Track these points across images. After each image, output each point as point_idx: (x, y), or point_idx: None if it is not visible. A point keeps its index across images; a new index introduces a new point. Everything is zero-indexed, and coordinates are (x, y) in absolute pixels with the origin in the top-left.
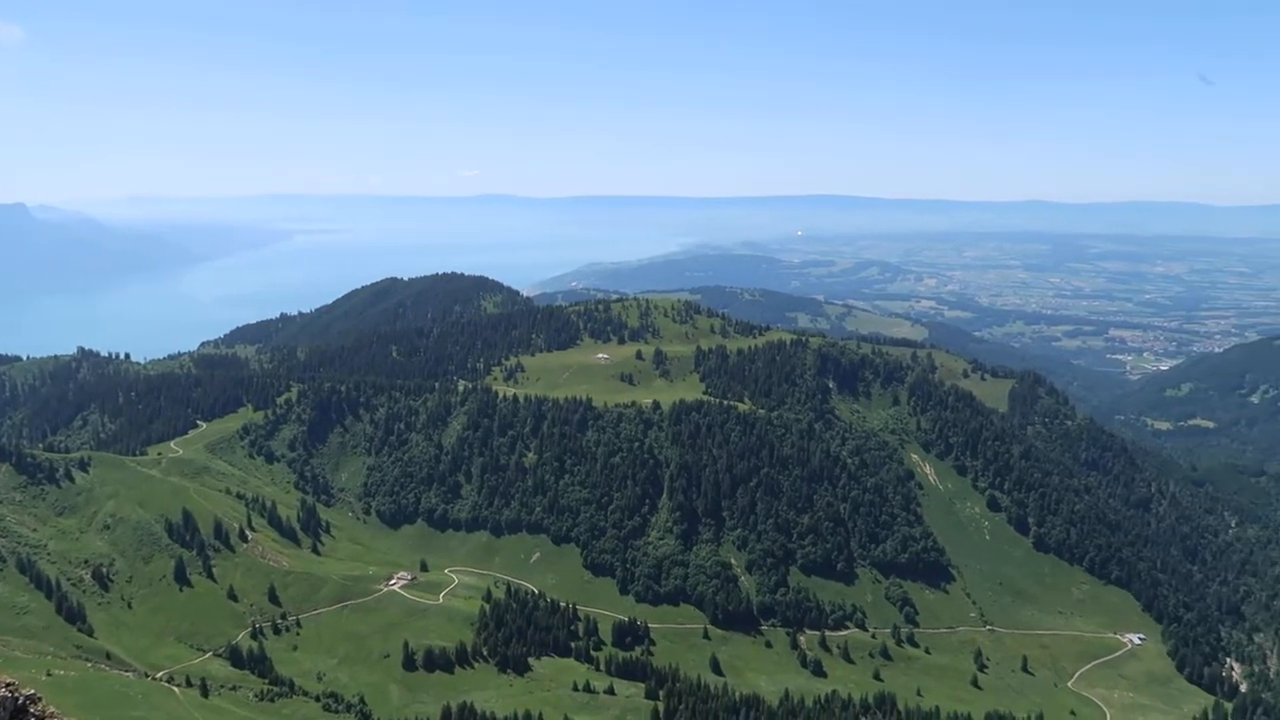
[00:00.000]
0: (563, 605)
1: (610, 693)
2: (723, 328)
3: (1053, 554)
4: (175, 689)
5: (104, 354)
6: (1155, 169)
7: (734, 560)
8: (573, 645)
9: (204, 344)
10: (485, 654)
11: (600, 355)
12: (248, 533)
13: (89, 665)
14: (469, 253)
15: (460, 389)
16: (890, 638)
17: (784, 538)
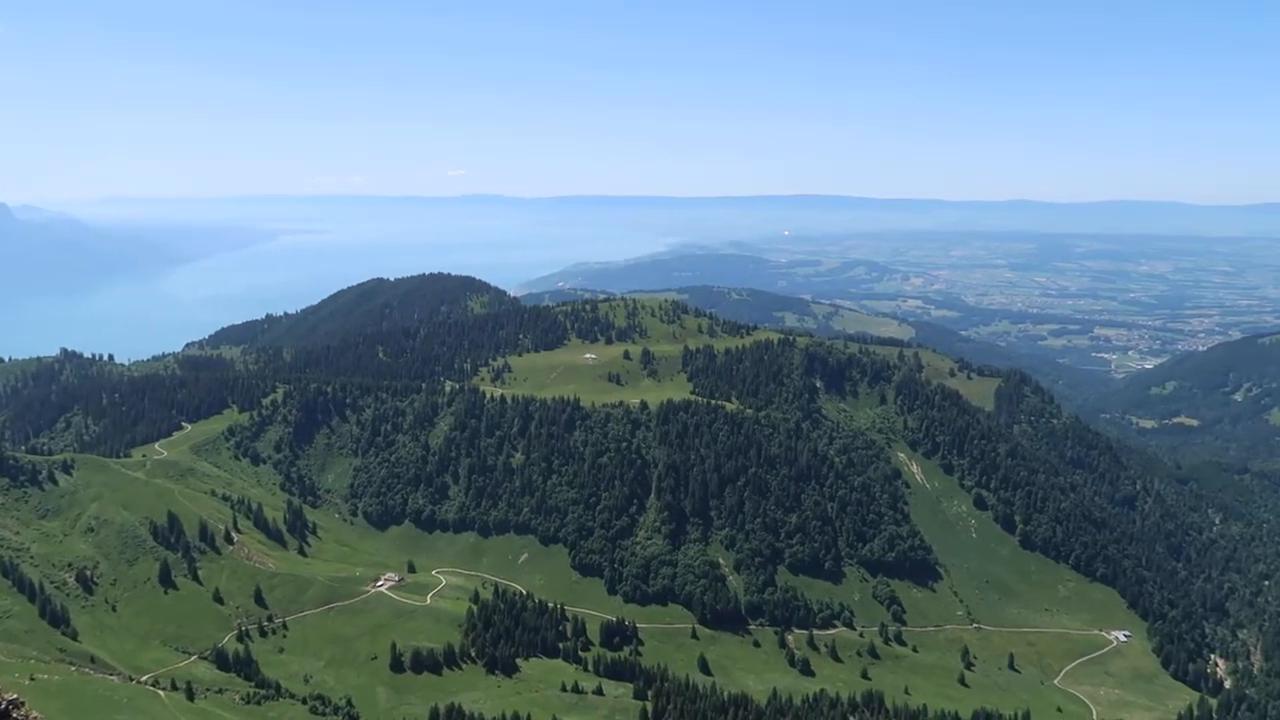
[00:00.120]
0: (551, 606)
1: (599, 693)
2: (710, 327)
3: (1039, 552)
4: (160, 692)
5: (87, 355)
6: (1140, 168)
7: (722, 560)
8: (561, 646)
9: (189, 345)
10: (473, 655)
11: (588, 355)
12: (233, 535)
13: (73, 669)
14: (455, 253)
15: (447, 389)
16: (878, 636)
17: (772, 537)
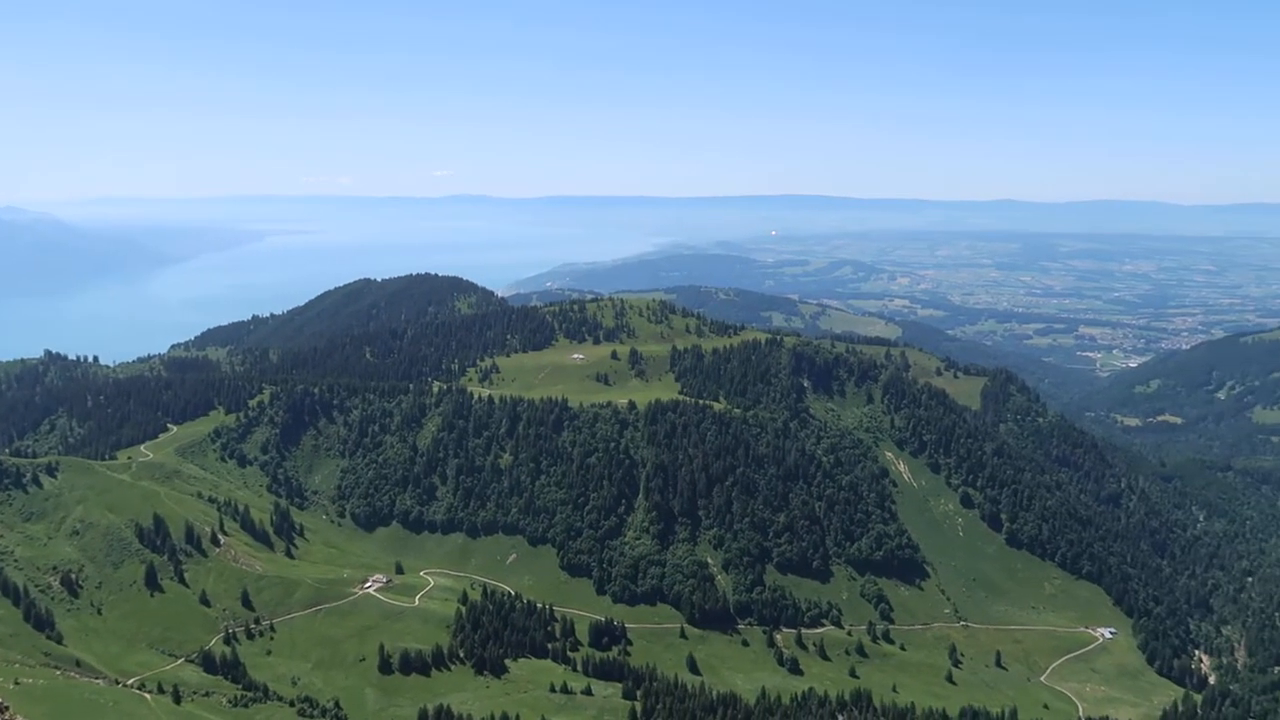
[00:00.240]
0: (539, 606)
1: (588, 693)
2: (698, 327)
3: (1025, 550)
4: (147, 696)
5: (72, 357)
6: (1125, 169)
7: (710, 559)
8: (550, 646)
9: (174, 346)
10: (462, 656)
11: (575, 355)
12: (220, 537)
13: (58, 673)
14: (442, 253)
15: (435, 390)
16: (866, 635)
17: (760, 536)
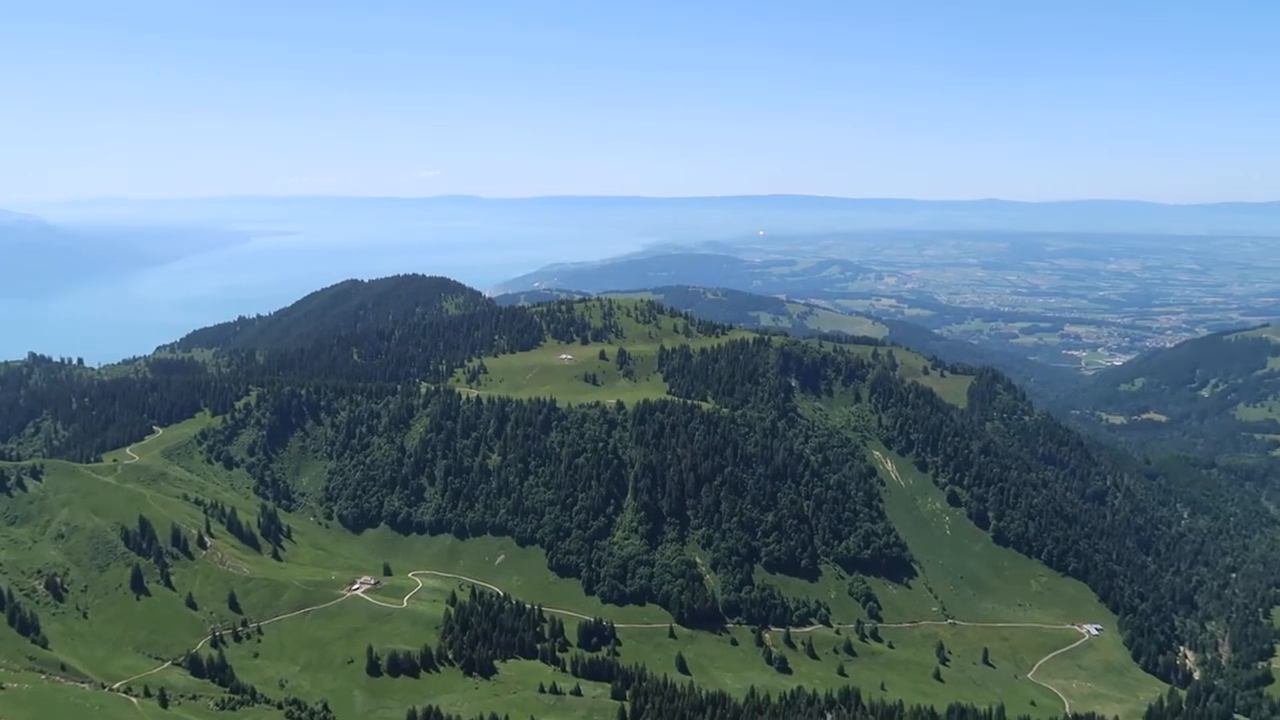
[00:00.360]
0: (528, 607)
1: (577, 694)
2: (686, 327)
3: (1012, 547)
4: (133, 700)
5: (56, 359)
6: (1110, 168)
7: (699, 559)
8: (539, 647)
9: (160, 348)
10: (450, 657)
11: (563, 356)
12: (206, 539)
13: (43, 677)
14: (430, 254)
15: (423, 391)
16: (854, 633)
17: (748, 536)
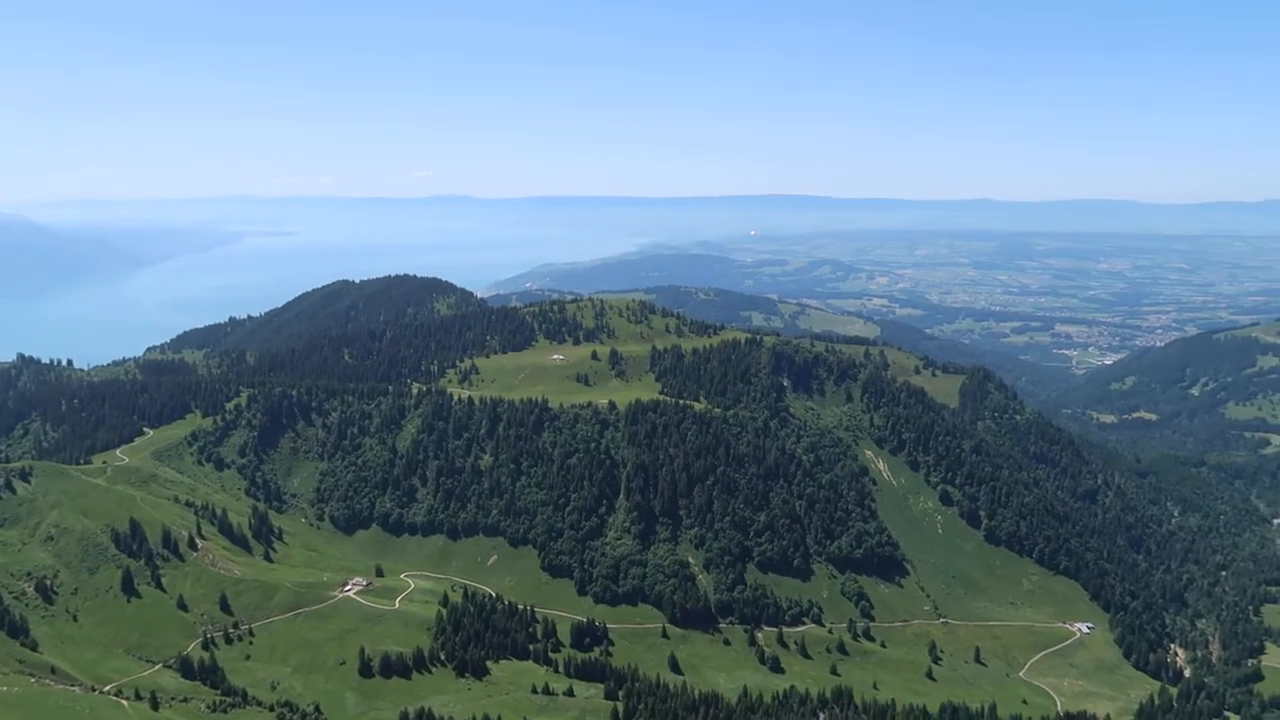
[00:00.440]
0: (521, 608)
1: (569, 694)
2: (678, 327)
3: (1003, 546)
4: (124, 702)
5: (45, 360)
6: (1100, 168)
7: (691, 559)
8: (531, 647)
9: (150, 349)
10: (443, 659)
11: (555, 356)
12: (197, 541)
13: (33, 680)
14: (421, 254)
15: (414, 392)
16: (846, 632)
17: (741, 535)
